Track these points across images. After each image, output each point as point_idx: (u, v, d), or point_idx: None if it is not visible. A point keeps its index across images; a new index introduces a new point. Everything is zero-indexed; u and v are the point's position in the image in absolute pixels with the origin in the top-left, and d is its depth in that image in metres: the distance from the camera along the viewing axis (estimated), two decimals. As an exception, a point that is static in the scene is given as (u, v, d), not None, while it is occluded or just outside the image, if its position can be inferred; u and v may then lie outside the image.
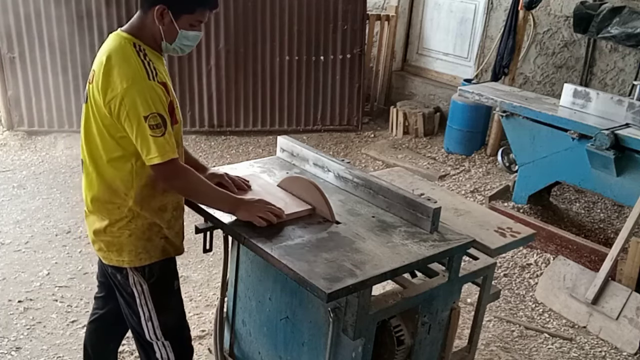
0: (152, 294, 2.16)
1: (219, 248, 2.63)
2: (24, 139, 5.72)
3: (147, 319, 2.19)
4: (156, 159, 1.92)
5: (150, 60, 1.98)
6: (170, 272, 2.25)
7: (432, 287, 2.21)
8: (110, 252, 2.12)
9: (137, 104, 1.89)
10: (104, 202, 2.08)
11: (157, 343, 2.23)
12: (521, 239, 2.52)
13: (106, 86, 1.92)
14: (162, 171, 1.97)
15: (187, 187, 2.06)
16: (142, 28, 2.01)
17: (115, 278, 2.19)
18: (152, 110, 1.90)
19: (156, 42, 2.03)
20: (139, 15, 2.02)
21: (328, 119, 6.46)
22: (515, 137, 4.56)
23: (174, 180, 2.02)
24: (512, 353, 3.31)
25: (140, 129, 1.91)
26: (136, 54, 1.96)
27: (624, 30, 4.91)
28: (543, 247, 4.19)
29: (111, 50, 1.97)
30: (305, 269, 1.87)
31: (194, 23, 2.03)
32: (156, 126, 1.91)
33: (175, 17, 1.98)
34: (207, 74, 6.01)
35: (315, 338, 2.23)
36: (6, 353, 3.04)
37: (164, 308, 2.21)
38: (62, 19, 5.59)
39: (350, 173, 2.47)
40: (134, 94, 1.90)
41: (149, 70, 1.94)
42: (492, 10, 6.16)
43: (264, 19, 6.03)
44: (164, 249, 2.17)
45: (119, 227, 2.09)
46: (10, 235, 4.15)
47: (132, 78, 1.91)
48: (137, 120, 1.90)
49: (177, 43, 2.05)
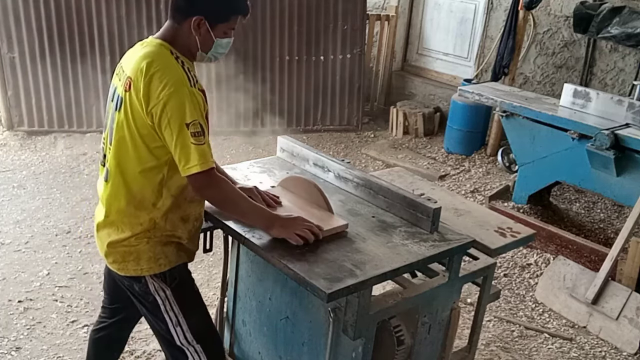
0: (177, 298, 2.11)
1: (219, 248, 2.63)
2: (24, 139, 5.72)
3: (176, 324, 2.12)
4: (195, 167, 1.87)
5: (189, 67, 1.96)
6: (188, 274, 2.21)
7: (432, 287, 2.21)
8: (126, 262, 2.05)
9: (180, 111, 1.85)
10: (128, 214, 2.02)
11: (189, 349, 2.14)
12: (521, 239, 2.52)
13: (148, 93, 1.87)
14: (200, 180, 1.91)
15: (223, 197, 2.01)
16: (176, 38, 1.99)
17: (132, 289, 2.12)
18: (195, 117, 1.87)
19: (190, 51, 2.01)
20: (171, 25, 2.00)
21: (328, 119, 6.46)
22: (515, 137, 4.56)
23: (210, 189, 1.96)
24: (512, 353, 3.31)
25: (182, 136, 1.86)
26: (175, 60, 1.94)
27: (624, 30, 4.92)
28: (543, 247, 4.19)
29: (149, 56, 1.92)
30: (305, 269, 1.87)
31: (227, 31, 2.03)
32: (197, 134, 1.86)
33: (212, 26, 1.97)
34: (207, 74, 6.01)
35: (315, 338, 2.23)
36: (6, 353, 3.04)
37: (191, 311, 2.15)
38: (62, 18, 5.59)
39: (350, 173, 2.47)
40: (177, 99, 1.86)
41: (190, 77, 1.92)
42: (492, 10, 6.16)
43: (263, 19, 6.03)
44: (183, 254, 2.14)
45: (137, 237, 2.03)
46: (10, 235, 4.15)
47: (175, 84, 1.87)
48: (178, 126, 1.86)
49: (213, 52, 2.04)
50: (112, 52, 5.72)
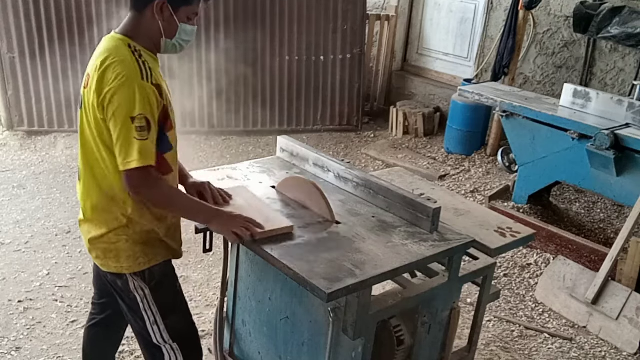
0: (155, 297, 2.13)
1: (219, 248, 2.63)
2: (24, 139, 5.72)
3: (153, 323, 2.15)
4: (134, 162, 1.84)
5: (146, 61, 1.94)
6: (171, 273, 2.22)
7: (432, 287, 2.21)
8: (107, 259, 2.08)
9: (128, 103, 1.84)
10: (102, 210, 2.03)
11: (165, 346, 2.18)
12: (521, 239, 2.52)
13: (101, 86, 1.88)
14: (135, 178, 1.88)
15: (159, 199, 1.98)
16: (137, 28, 1.97)
17: (115, 285, 2.15)
18: (142, 111, 1.84)
19: (152, 42, 1.99)
20: (132, 16, 1.99)
21: (328, 119, 6.46)
22: (515, 137, 4.56)
23: (145, 188, 1.92)
24: (512, 353, 3.31)
25: (126, 128, 1.84)
26: (131, 54, 1.92)
27: (624, 30, 4.91)
28: (543, 247, 4.19)
29: (106, 52, 1.92)
30: (305, 269, 1.87)
31: (191, 16, 2.01)
32: (141, 128, 1.84)
33: (175, 10, 1.96)
34: (207, 74, 6.01)
35: (315, 338, 2.23)
36: (6, 353, 3.04)
37: (169, 310, 2.17)
38: (62, 18, 5.59)
39: (350, 173, 2.47)
40: (125, 92, 1.84)
41: (143, 70, 1.89)
42: (492, 10, 6.16)
43: (264, 19, 6.03)
44: (163, 252, 2.14)
45: (116, 234, 2.04)
46: (10, 235, 4.15)
47: (126, 76, 1.86)
48: (122, 119, 1.84)
49: (177, 38, 2.01)
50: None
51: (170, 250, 2.17)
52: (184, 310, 2.27)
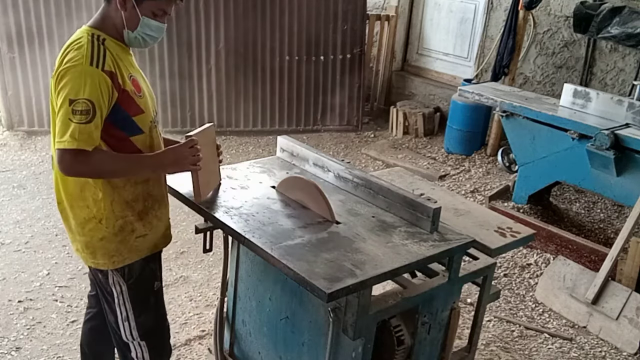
0: (131, 295, 2.16)
1: (219, 248, 2.63)
2: (24, 139, 5.72)
3: (124, 319, 2.19)
4: (66, 143, 1.83)
5: (107, 48, 1.95)
6: (150, 272, 2.23)
7: (432, 287, 2.21)
8: (86, 253, 2.12)
9: (72, 85, 1.86)
10: (76, 197, 2.05)
11: (133, 343, 2.23)
12: (521, 239, 2.52)
13: (57, 70, 1.92)
14: (67, 159, 1.86)
15: (89, 172, 1.95)
16: (105, 18, 2.01)
17: (96, 277, 2.19)
18: (82, 95, 1.85)
19: (119, 32, 2.02)
20: (102, 6, 2.03)
21: (328, 119, 6.46)
22: (515, 137, 4.56)
23: (73, 169, 1.90)
24: (512, 353, 3.31)
25: (63, 110, 1.86)
26: (90, 42, 1.93)
27: (624, 30, 4.92)
28: (543, 247, 4.19)
29: (71, 41, 1.97)
30: (305, 269, 1.87)
31: (157, 12, 2.02)
32: (81, 112, 1.84)
33: (138, 3, 1.97)
34: (207, 74, 6.01)
35: (315, 338, 2.23)
36: (6, 353, 3.04)
37: (142, 309, 2.20)
38: (62, 19, 5.59)
39: (350, 173, 2.47)
40: (71, 75, 1.87)
41: (94, 56, 1.90)
42: (492, 10, 6.16)
43: (264, 19, 6.03)
44: (140, 249, 2.15)
45: (90, 229, 2.06)
46: (10, 235, 4.15)
47: (77, 61, 1.88)
48: (63, 99, 1.86)
49: (139, 31, 2.02)
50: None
51: (150, 244, 2.17)
52: (158, 311, 2.30)
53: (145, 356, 2.25)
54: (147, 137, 2.10)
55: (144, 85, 2.10)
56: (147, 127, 2.09)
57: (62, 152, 1.86)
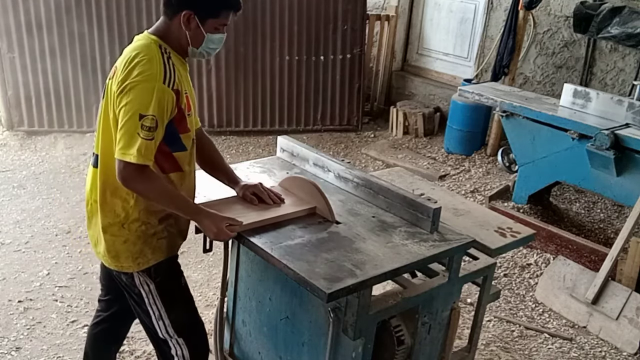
0: (160, 293, 2.16)
1: (219, 248, 2.63)
2: (24, 139, 5.72)
3: (158, 318, 2.18)
4: (132, 157, 1.87)
5: (174, 64, 1.99)
6: (176, 269, 2.25)
7: (432, 287, 2.21)
8: (109, 257, 2.12)
9: (143, 100, 1.88)
10: (106, 200, 2.06)
11: (172, 340, 2.22)
12: (521, 239, 2.52)
13: (125, 78, 1.92)
14: (128, 172, 1.90)
15: (146, 193, 1.98)
16: (168, 33, 2.02)
17: (120, 280, 2.19)
18: (150, 112, 1.88)
19: (181, 47, 2.04)
20: (163, 21, 2.04)
21: (328, 119, 6.46)
22: (515, 137, 4.56)
23: (134, 183, 1.94)
24: (512, 353, 3.31)
25: (131, 122, 1.88)
26: (161, 55, 1.96)
27: (624, 30, 4.91)
28: (543, 247, 4.19)
29: (138, 49, 1.97)
30: (305, 269, 1.87)
31: (219, 27, 2.04)
32: (149, 129, 1.88)
33: (201, 21, 1.99)
34: (207, 74, 6.01)
35: (315, 338, 2.23)
36: (6, 353, 3.04)
37: (174, 306, 2.20)
38: (62, 18, 5.59)
39: (350, 173, 2.47)
40: (143, 89, 1.89)
41: (167, 74, 1.94)
42: (492, 10, 6.16)
43: (264, 19, 6.03)
44: (163, 249, 2.16)
45: (112, 233, 2.07)
46: (10, 235, 4.15)
47: (149, 76, 1.90)
48: (132, 112, 1.88)
49: (204, 47, 2.06)
50: (112, 52, 5.71)
51: (172, 242, 2.18)
52: (189, 305, 2.29)
53: (185, 353, 2.24)
54: (187, 155, 2.12)
55: (192, 102, 2.11)
56: (190, 145, 2.12)
57: (125, 164, 1.90)
